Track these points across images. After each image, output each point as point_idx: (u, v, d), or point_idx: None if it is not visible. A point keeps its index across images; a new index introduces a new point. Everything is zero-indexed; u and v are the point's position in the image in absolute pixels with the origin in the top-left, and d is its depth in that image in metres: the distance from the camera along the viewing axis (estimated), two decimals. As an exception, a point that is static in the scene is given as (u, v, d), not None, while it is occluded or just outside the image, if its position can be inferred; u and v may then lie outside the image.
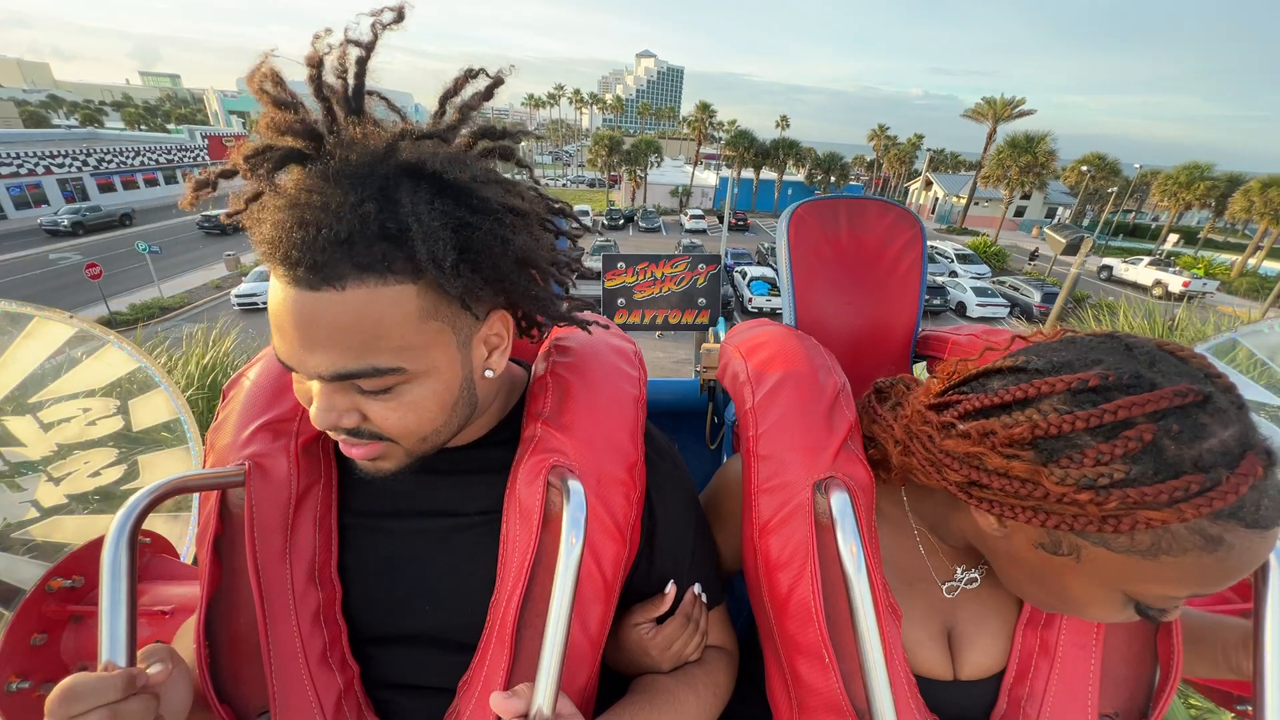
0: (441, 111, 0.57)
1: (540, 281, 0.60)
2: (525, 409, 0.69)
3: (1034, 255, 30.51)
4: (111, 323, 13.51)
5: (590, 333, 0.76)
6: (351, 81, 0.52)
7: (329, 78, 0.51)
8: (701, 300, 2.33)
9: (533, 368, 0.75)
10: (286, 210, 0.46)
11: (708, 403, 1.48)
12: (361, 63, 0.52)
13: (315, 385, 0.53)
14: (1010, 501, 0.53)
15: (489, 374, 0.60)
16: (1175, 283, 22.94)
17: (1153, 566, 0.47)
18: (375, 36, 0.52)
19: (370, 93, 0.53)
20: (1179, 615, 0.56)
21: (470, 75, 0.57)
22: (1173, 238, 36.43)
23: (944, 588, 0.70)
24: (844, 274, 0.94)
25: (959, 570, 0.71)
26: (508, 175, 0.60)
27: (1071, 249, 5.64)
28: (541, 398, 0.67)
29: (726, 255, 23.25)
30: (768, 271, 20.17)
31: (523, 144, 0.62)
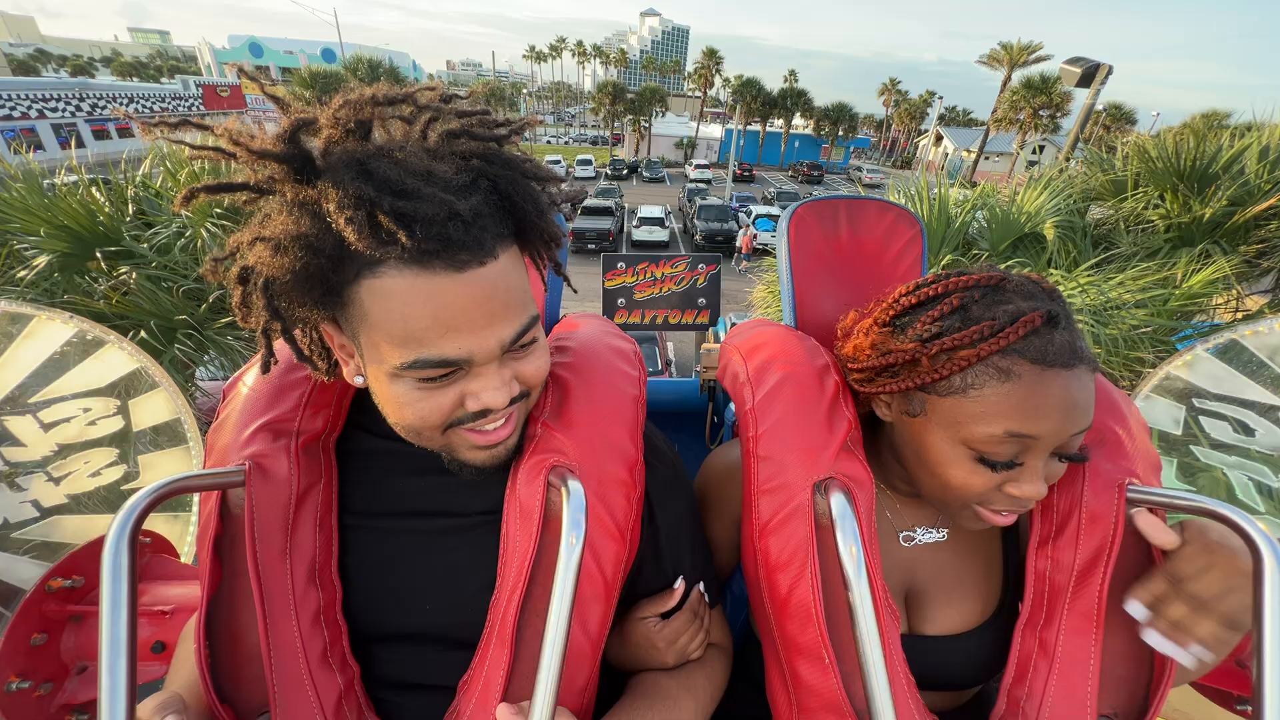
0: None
1: None
2: None
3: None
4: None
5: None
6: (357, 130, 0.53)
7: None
8: (701, 300, 2.33)
9: None
10: (428, 212, 0.47)
11: (708, 403, 1.48)
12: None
13: (480, 374, 0.54)
14: (882, 378, 0.68)
15: None
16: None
17: (969, 405, 0.60)
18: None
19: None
20: (1035, 483, 0.60)
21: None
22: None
23: (900, 536, 0.77)
24: (844, 274, 0.94)
25: (919, 529, 0.77)
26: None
27: (1086, 79, 5.43)
28: (541, 397, 0.67)
29: (732, 199, 24.31)
30: (773, 209, 20.74)
31: (523, 99, 0.63)
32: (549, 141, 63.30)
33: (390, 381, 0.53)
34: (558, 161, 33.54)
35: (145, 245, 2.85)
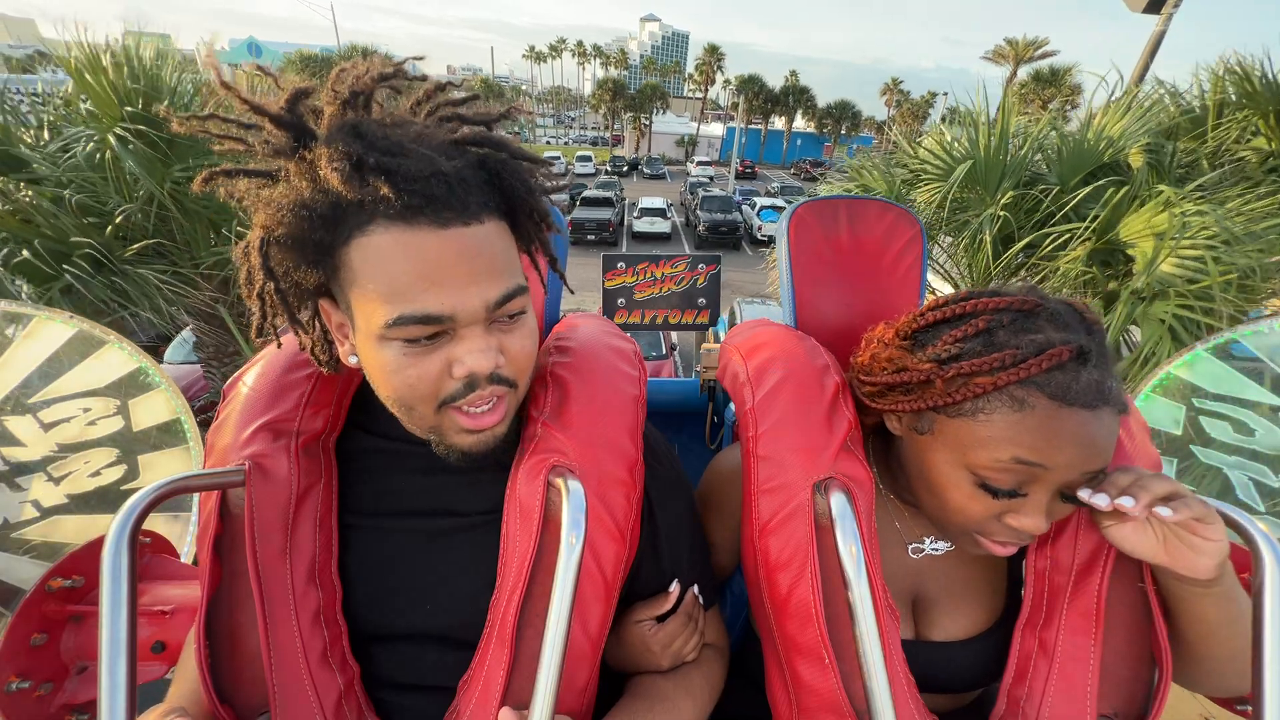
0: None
1: None
2: (524, 408, 0.69)
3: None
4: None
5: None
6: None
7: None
8: (701, 300, 2.32)
9: None
10: (411, 168, 0.49)
11: (708, 403, 1.48)
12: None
13: (464, 337, 0.54)
14: (894, 395, 0.66)
15: None
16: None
17: (978, 429, 0.58)
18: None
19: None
20: (1037, 517, 0.59)
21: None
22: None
23: (910, 548, 0.76)
24: (844, 274, 0.94)
25: (928, 540, 0.76)
26: None
27: (1155, 4, 4.92)
28: (541, 397, 0.67)
29: (735, 192, 25.00)
30: (778, 201, 21.44)
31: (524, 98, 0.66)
32: (548, 141, 64.09)
33: (378, 347, 0.54)
34: (557, 158, 33.94)
35: (38, 155, 2.47)
